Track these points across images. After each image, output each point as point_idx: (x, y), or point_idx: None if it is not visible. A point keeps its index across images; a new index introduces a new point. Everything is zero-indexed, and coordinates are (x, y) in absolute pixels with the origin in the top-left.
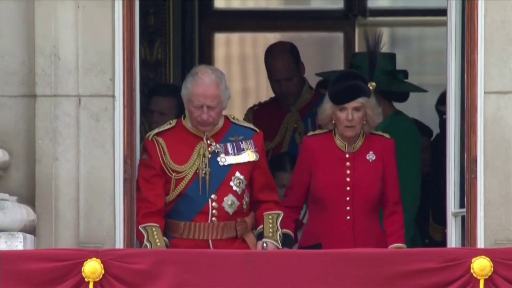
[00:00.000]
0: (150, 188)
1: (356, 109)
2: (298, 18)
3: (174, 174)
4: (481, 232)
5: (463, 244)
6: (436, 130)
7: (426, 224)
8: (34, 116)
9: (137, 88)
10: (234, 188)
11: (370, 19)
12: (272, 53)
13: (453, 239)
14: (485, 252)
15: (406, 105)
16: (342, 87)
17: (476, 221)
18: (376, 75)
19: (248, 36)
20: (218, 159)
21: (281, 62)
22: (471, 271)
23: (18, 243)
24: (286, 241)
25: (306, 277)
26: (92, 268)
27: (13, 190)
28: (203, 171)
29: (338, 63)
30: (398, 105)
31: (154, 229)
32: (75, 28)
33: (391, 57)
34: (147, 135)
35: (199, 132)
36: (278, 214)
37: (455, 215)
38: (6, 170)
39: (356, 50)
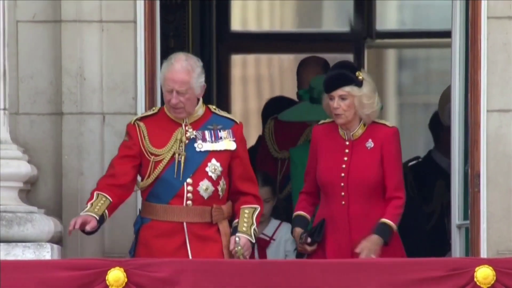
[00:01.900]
0: (121, 164)
1: (342, 97)
2: (310, 40)
3: (152, 157)
4: (484, 243)
5: (466, 254)
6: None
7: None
8: (61, 133)
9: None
10: (210, 174)
11: (378, 41)
12: (303, 63)
13: (457, 249)
14: (488, 262)
15: (414, 121)
16: (329, 76)
17: (480, 232)
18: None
19: (264, 57)
20: (195, 145)
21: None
22: (475, 279)
23: (46, 253)
24: (300, 221)
25: (317, 286)
26: (116, 276)
27: (41, 203)
28: (180, 156)
29: None
30: (409, 120)
31: (104, 199)
32: (100, 50)
33: None
34: (131, 120)
35: (179, 119)
36: (255, 208)
37: (459, 226)
38: (35, 184)
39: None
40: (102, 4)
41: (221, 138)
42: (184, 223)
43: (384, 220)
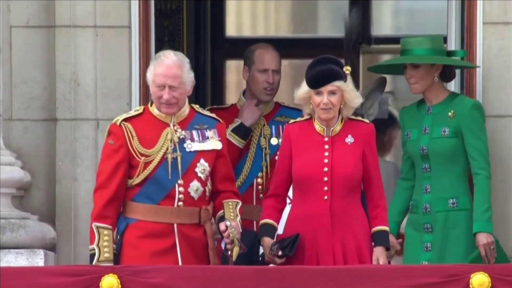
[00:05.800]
0: (110, 173)
1: (332, 92)
2: (306, 46)
3: (143, 157)
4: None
5: None
6: None
7: None
8: (55, 139)
9: None
10: (199, 174)
11: (374, 46)
12: (261, 46)
13: None
14: (484, 268)
15: None
16: (317, 71)
17: None
18: (431, 54)
19: None
20: (185, 145)
21: (272, 53)
22: (470, 286)
23: (39, 259)
24: (268, 230)
25: None
26: (109, 283)
27: (34, 209)
28: (172, 156)
29: None
30: None
31: (106, 233)
32: (94, 56)
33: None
34: (114, 120)
35: (166, 119)
36: (237, 202)
37: None
38: (28, 190)
39: (361, 76)
40: (96, 9)
41: (207, 137)
42: (175, 225)
43: (383, 228)
